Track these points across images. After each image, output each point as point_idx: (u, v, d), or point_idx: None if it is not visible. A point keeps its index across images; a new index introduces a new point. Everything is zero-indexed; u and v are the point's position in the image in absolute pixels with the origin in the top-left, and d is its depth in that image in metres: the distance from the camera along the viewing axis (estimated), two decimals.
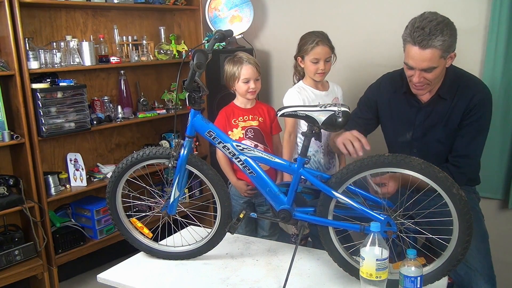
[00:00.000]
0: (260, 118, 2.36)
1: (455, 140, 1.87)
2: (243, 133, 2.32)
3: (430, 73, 1.74)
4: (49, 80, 2.60)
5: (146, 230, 1.84)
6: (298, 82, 2.39)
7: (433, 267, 1.49)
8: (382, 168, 1.48)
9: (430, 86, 1.81)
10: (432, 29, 1.66)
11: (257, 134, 2.34)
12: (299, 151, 2.39)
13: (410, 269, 1.36)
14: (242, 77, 2.27)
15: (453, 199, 1.40)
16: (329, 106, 1.50)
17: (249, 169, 1.66)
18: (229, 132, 2.31)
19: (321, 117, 1.50)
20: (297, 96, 2.31)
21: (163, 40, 3.28)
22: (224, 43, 3.28)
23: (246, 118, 2.34)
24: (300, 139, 2.38)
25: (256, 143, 2.31)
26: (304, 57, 2.27)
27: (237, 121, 2.33)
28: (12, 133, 2.53)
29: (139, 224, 1.84)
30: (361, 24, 2.97)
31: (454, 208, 1.41)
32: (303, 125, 2.36)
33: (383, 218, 1.49)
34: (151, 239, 1.85)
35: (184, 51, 3.34)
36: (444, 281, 1.55)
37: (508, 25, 2.35)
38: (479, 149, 1.87)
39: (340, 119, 1.49)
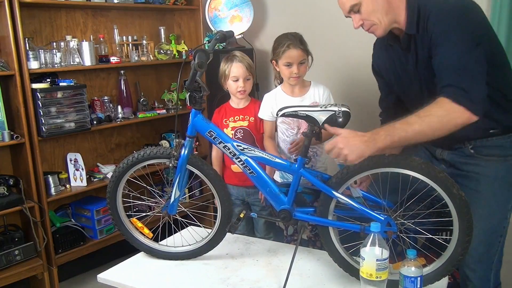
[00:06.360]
0: (250, 118, 2.33)
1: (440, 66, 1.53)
2: (232, 134, 2.31)
3: (360, 12, 1.58)
4: (49, 80, 2.60)
5: (146, 230, 1.84)
6: (279, 85, 2.31)
7: (433, 268, 1.50)
8: (382, 168, 1.48)
9: (377, 25, 1.62)
10: None
11: (247, 135, 2.31)
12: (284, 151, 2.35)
13: (410, 269, 1.36)
14: (232, 74, 2.27)
15: (453, 199, 1.40)
16: (330, 106, 1.51)
17: (249, 169, 1.66)
18: None
19: (321, 117, 1.51)
20: (266, 102, 2.27)
21: (163, 40, 3.28)
22: (224, 43, 3.27)
23: (237, 118, 2.33)
24: (281, 141, 2.30)
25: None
26: (278, 61, 2.16)
27: (227, 121, 2.33)
28: (12, 133, 2.53)
29: (139, 224, 1.84)
30: None
31: (454, 208, 1.41)
32: (279, 133, 2.29)
33: (383, 218, 1.49)
34: (151, 239, 1.85)
35: (184, 51, 3.34)
36: (444, 281, 1.55)
37: (508, 25, 2.34)
38: (470, 61, 1.45)
39: (340, 119, 1.50)
